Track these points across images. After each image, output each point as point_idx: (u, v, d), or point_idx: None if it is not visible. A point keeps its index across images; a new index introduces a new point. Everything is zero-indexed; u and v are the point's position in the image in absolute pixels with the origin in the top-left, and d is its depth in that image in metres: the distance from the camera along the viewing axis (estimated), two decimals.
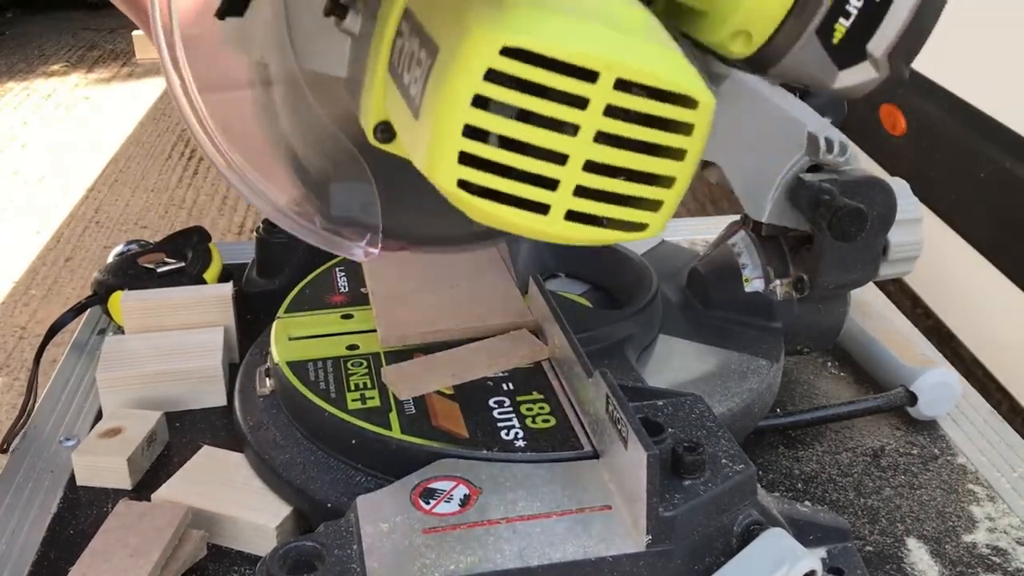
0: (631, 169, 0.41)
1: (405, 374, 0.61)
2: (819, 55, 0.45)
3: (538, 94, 0.39)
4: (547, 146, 0.40)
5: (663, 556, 0.48)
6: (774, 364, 0.68)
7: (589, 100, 0.39)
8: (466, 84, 0.38)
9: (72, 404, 0.74)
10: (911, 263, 0.70)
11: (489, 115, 0.39)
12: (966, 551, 0.60)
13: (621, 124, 0.40)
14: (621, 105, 0.40)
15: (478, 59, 0.38)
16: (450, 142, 0.39)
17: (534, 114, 0.39)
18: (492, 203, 0.41)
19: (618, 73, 0.39)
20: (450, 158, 0.40)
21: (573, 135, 0.40)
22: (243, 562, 0.58)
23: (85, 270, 2.65)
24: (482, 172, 0.40)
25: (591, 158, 0.40)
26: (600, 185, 0.41)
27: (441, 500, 0.51)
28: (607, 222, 0.43)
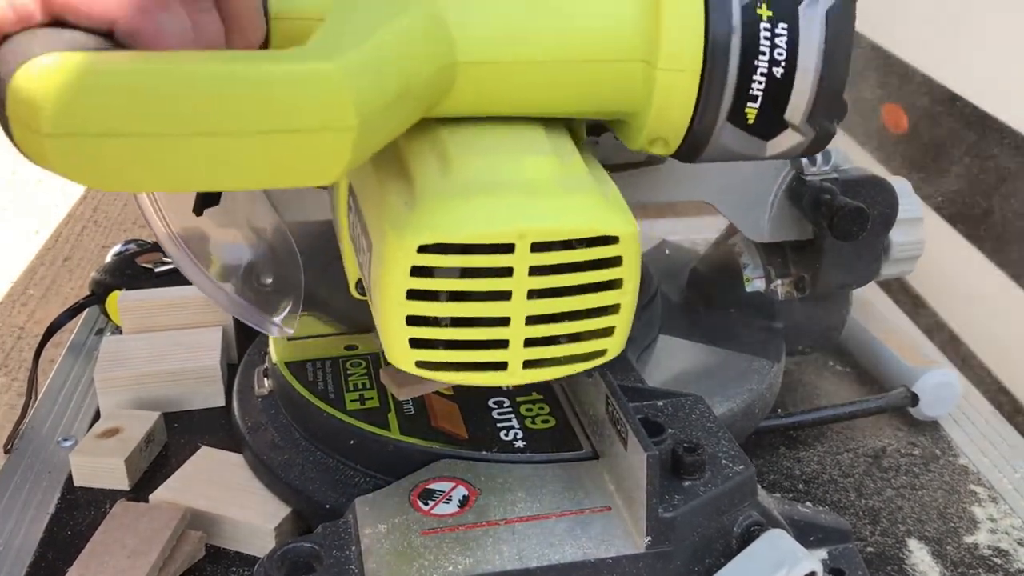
0: (573, 310, 0.44)
1: (404, 375, 0.60)
2: (740, 137, 0.46)
3: (466, 275, 0.42)
4: (488, 315, 0.43)
5: (663, 557, 0.47)
6: (775, 364, 0.68)
7: (513, 268, 0.42)
8: (396, 284, 0.41)
9: (70, 404, 0.74)
10: (913, 262, 0.70)
11: (427, 303, 0.42)
12: (968, 552, 0.60)
13: (550, 278, 0.43)
14: (544, 263, 0.42)
15: (400, 262, 0.41)
16: (398, 332, 0.43)
17: (468, 293, 0.42)
18: (453, 373, 0.44)
19: (532, 238, 0.41)
20: (403, 345, 0.43)
21: (508, 300, 0.42)
22: (241, 563, 0.58)
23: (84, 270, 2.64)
24: (436, 350, 0.43)
25: (531, 313, 0.43)
26: (548, 332, 0.44)
27: (440, 501, 0.50)
28: (565, 359, 0.45)
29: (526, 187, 0.43)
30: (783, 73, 0.44)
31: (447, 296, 0.42)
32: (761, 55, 0.44)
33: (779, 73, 0.44)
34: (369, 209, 0.46)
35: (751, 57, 0.44)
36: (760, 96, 0.45)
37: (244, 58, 0.37)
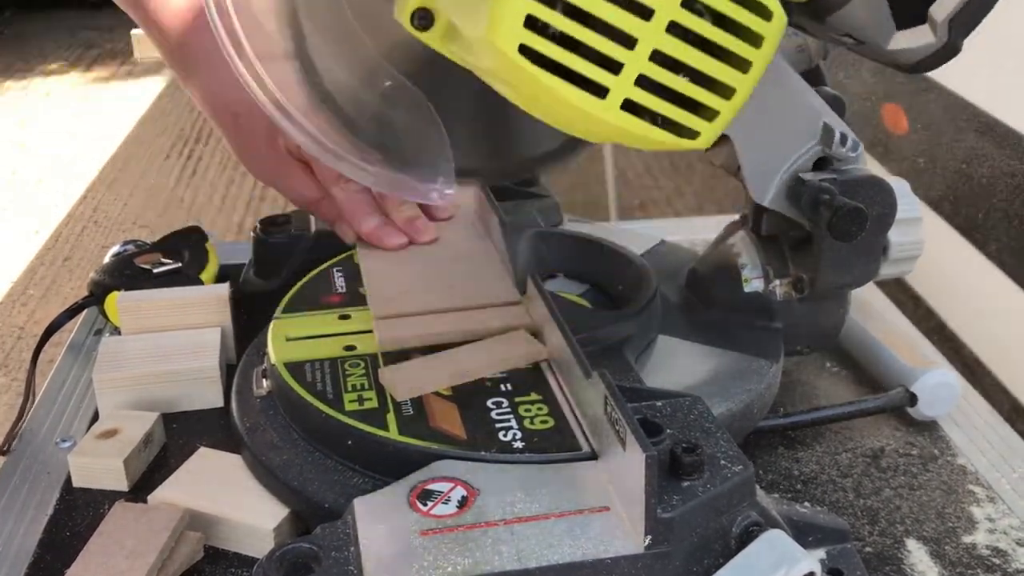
0: (696, 69, 0.41)
1: (403, 375, 0.60)
2: (881, 9, 0.44)
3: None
4: (619, 25, 0.39)
5: (661, 558, 0.47)
6: (774, 364, 0.68)
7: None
8: None
9: (68, 405, 0.74)
10: (912, 263, 0.70)
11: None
12: (966, 552, 0.60)
13: (695, 19, 0.39)
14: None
15: None
16: (519, 2, 0.38)
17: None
18: (550, 76, 0.40)
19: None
20: (516, 19, 0.38)
21: (647, 19, 0.39)
22: (240, 564, 0.58)
23: (83, 270, 2.64)
24: (547, 41, 0.39)
25: (660, 48, 0.40)
26: (663, 79, 0.41)
27: (439, 502, 0.50)
28: (661, 121, 0.42)
29: None
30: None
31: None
32: None
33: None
34: None
35: None
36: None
37: None
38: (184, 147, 3.44)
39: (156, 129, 3.61)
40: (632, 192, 2.94)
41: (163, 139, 3.52)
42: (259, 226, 0.83)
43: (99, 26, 4.73)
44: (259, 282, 0.83)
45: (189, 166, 3.29)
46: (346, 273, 0.75)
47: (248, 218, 2.92)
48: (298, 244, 0.82)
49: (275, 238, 0.82)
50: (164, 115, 3.73)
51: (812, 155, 0.65)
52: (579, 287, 0.76)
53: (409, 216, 0.76)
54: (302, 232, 0.82)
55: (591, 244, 0.77)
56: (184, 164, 3.31)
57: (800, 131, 0.64)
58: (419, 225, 0.76)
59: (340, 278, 0.74)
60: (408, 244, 0.75)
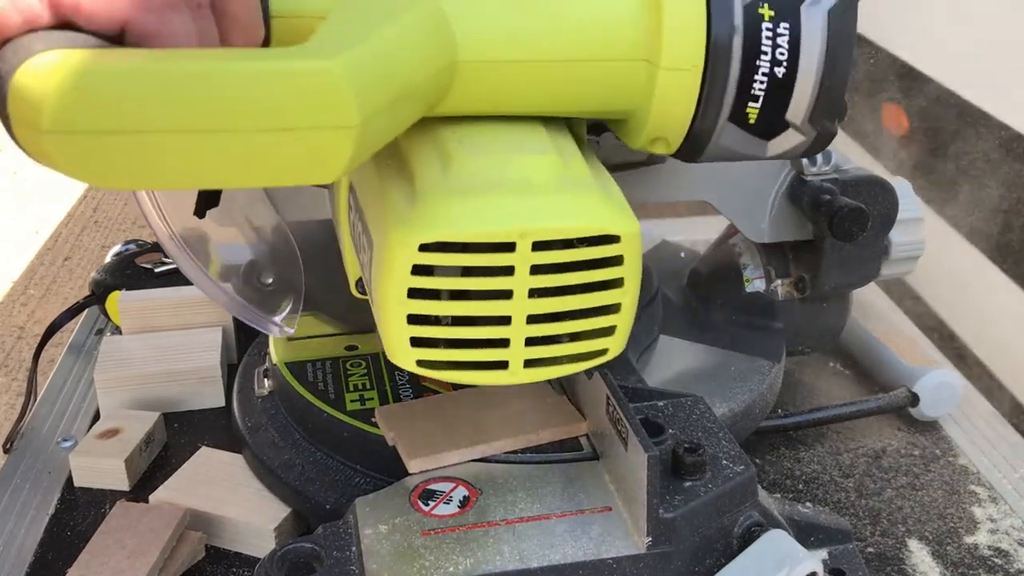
0: (574, 309, 0.43)
1: (417, 445, 0.54)
2: (741, 137, 0.46)
3: (468, 273, 0.42)
4: (489, 313, 0.43)
5: (663, 558, 0.47)
6: (775, 364, 0.68)
7: (514, 267, 0.42)
8: (397, 283, 0.41)
9: (70, 405, 0.74)
10: (913, 263, 0.70)
11: (428, 302, 0.42)
12: (968, 552, 0.60)
13: (551, 276, 0.42)
14: (546, 262, 0.42)
15: (401, 260, 0.41)
16: (399, 331, 0.42)
17: (468, 292, 0.42)
18: (454, 372, 0.44)
19: (533, 237, 0.41)
20: (403, 344, 0.43)
21: (509, 299, 0.42)
22: (241, 564, 0.58)
23: (84, 270, 2.64)
24: (437, 349, 0.43)
25: (532, 312, 0.43)
26: (549, 331, 0.44)
27: (440, 501, 0.50)
28: (567, 359, 0.45)
29: (527, 186, 0.42)
30: (785, 73, 0.44)
31: (448, 295, 0.42)
32: (763, 55, 0.44)
33: (781, 73, 0.44)
34: (370, 207, 0.46)
35: (753, 57, 0.44)
36: (762, 96, 0.45)
37: (244, 56, 0.37)
38: None
39: None
40: None
41: None
42: None
43: None
44: None
45: None
46: None
47: None
48: None
49: None
50: None
51: (790, 180, 0.65)
52: None
53: None
54: None
55: None
56: None
57: (771, 167, 0.65)
58: None
59: None
60: None
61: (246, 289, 0.62)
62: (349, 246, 0.53)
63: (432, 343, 0.43)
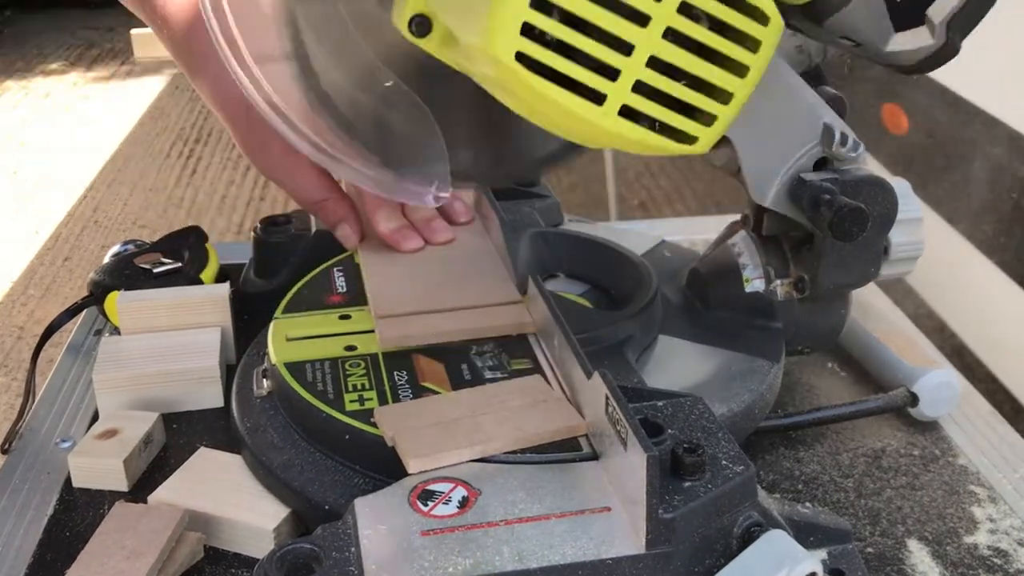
0: (693, 74, 0.41)
1: (417, 440, 0.55)
2: (879, 10, 0.44)
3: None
4: (615, 32, 0.39)
5: (663, 558, 0.47)
6: (775, 365, 0.68)
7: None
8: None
9: (68, 405, 0.74)
10: (913, 263, 0.70)
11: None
12: (967, 553, 0.60)
13: (692, 25, 0.39)
14: (696, 4, 0.39)
15: None
16: (515, 11, 0.38)
17: None
18: (547, 83, 0.40)
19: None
20: (512, 27, 0.38)
21: (643, 26, 0.39)
22: (240, 564, 0.58)
23: (83, 270, 2.64)
24: (543, 48, 0.39)
25: (657, 54, 0.39)
26: (660, 84, 0.40)
27: (440, 502, 0.50)
28: (659, 127, 0.42)
29: None
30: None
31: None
32: None
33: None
34: None
35: None
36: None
37: None
38: (184, 147, 3.44)
39: (156, 129, 3.61)
40: (632, 192, 2.94)
41: (163, 139, 3.52)
42: (259, 226, 0.83)
43: (99, 26, 4.73)
44: (259, 282, 0.83)
45: (189, 166, 3.29)
46: (346, 273, 0.74)
47: (248, 218, 2.91)
48: (298, 244, 0.81)
49: (275, 238, 0.82)
50: (164, 115, 3.73)
51: (813, 155, 0.65)
52: (579, 287, 0.76)
53: (426, 217, 0.75)
54: (302, 232, 0.82)
55: (591, 244, 0.77)
56: (184, 164, 3.31)
57: (800, 132, 0.64)
58: (436, 226, 0.76)
59: (340, 278, 0.74)
60: (424, 246, 0.75)
61: (391, 163, 0.60)
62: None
63: (543, 40, 0.39)
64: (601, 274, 0.76)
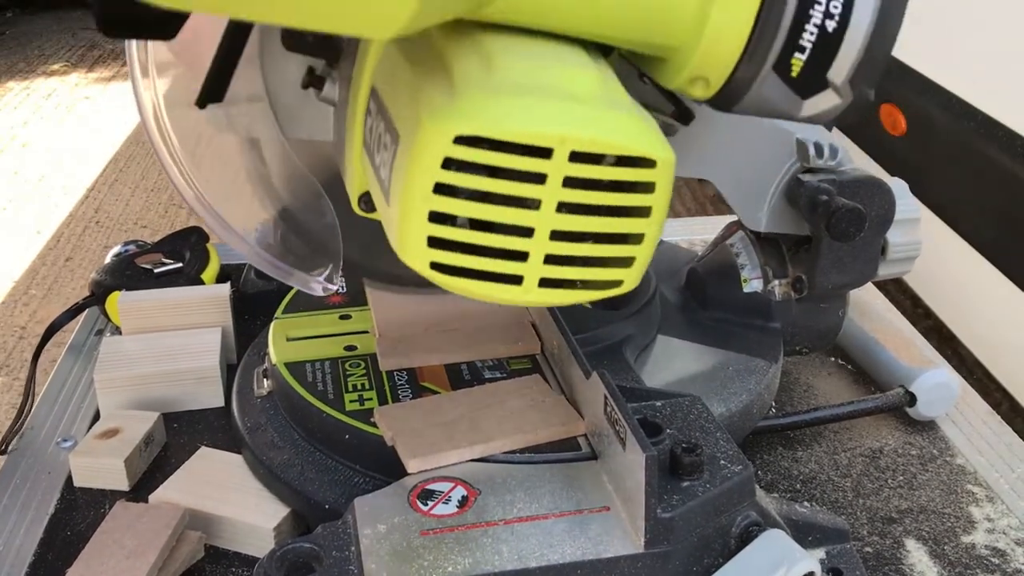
0: (598, 232, 0.42)
1: (416, 440, 0.55)
2: (780, 89, 0.45)
3: (497, 175, 0.40)
4: (512, 222, 0.41)
5: (661, 557, 0.47)
6: (773, 365, 0.68)
7: (547, 175, 0.40)
8: (425, 175, 0.39)
9: (69, 405, 0.74)
10: (910, 263, 0.70)
11: (452, 200, 0.40)
12: (965, 552, 0.60)
13: (582, 192, 0.41)
14: (579, 175, 0.40)
15: (434, 150, 0.39)
16: (417, 229, 0.40)
17: (496, 194, 0.40)
18: (466, 280, 0.42)
19: (571, 146, 0.40)
20: (420, 243, 0.41)
21: (536, 209, 0.41)
22: (240, 563, 0.58)
23: (85, 270, 2.65)
24: (453, 253, 0.41)
25: (556, 228, 0.41)
26: (569, 251, 0.42)
27: (439, 501, 0.51)
28: (581, 284, 0.44)
29: (570, 95, 0.41)
30: (835, 28, 0.43)
31: (475, 196, 0.40)
32: (817, 4, 0.43)
33: (831, 27, 0.43)
34: (400, 104, 0.44)
35: (808, 5, 0.43)
36: (809, 48, 0.43)
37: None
38: None
39: None
40: None
41: None
42: None
43: None
44: (260, 282, 0.83)
45: None
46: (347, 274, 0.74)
47: None
48: None
49: None
50: None
51: (794, 173, 0.65)
52: None
53: None
54: None
55: None
56: None
57: (774, 154, 0.65)
58: None
59: (340, 279, 0.74)
60: None
61: (281, 249, 0.61)
62: (358, 157, 0.50)
63: (450, 246, 0.41)
64: None
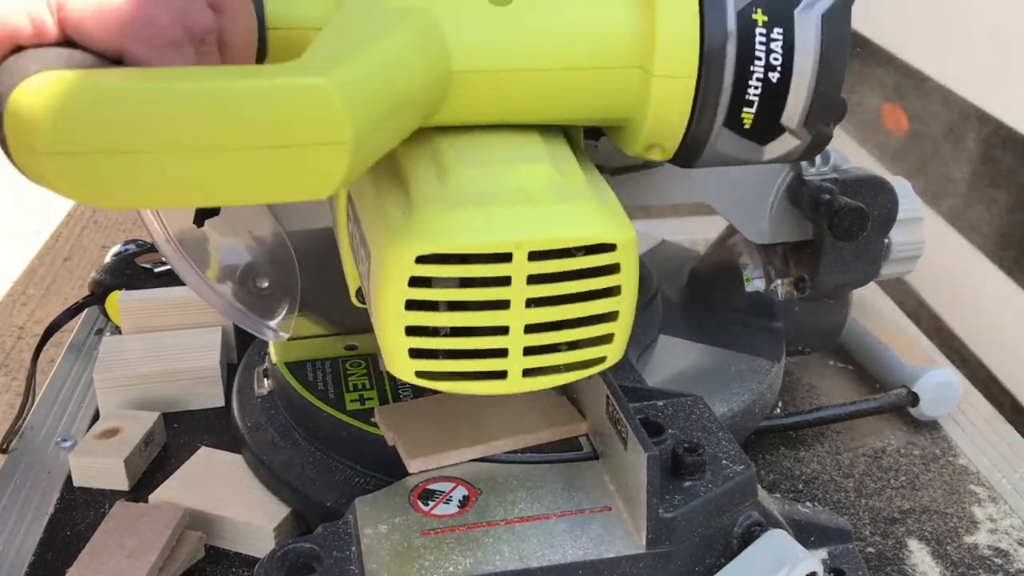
0: (571, 318, 0.43)
1: (417, 440, 0.54)
2: (737, 142, 0.46)
3: (465, 284, 0.42)
4: (487, 324, 0.43)
5: (663, 558, 0.47)
6: (775, 364, 0.68)
7: (511, 277, 0.42)
8: (395, 295, 0.41)
9: (69, 405, 0.74)
10: (913, 262, 0.70)
11: (426, 313, 0.42)
12: (968, 552, 0.60)
13: (548, 286, 0.42)
14: (542, 271, 0.42)
15: (399, 272, 0.41)
16: (398, 343, 0.42)
17: (466, 302, 0.42)
18: (453, 382, 0.44)
19: (529, 248, 0.41)
20: (402, 355, 0.43)
21: (507, 308, 0.42)
22: (241, 564, 0.58)
23: (84, 270, 2.64)
24: (435, 360, 0.43)
25: (529, 322, 0.43)
26: (547, 340, 0.44)
27: (440, 501, 0.50)
28: (565, 367, 0.45)
29: (523, 196, 0.43)
30: (779, 78, 0.44)
31: (446, 306, 0.42)
32: (757, 60, 0.44)
33: (775, 78, 0.44)
34: (367, 218, 0.46)
35: (747, 62, 0.44)
36: (756, 101, 0.45)
37: (239, 74, 0.37)
38: None
39: None
40: None
41: None
42: None
43: None
44: None
45: None
46: None
47: None
48: None
49: None
50: None
51: (789, 180, 0.65)
52: None
53: None
54: None
55: None
56: None
57: (768, 172, 0.65)
58: None
59: None
60: None
61: (241, 293, 0.62)
62: (349, 256, 0.53)
63: (431, 354, 0.43)
64: None
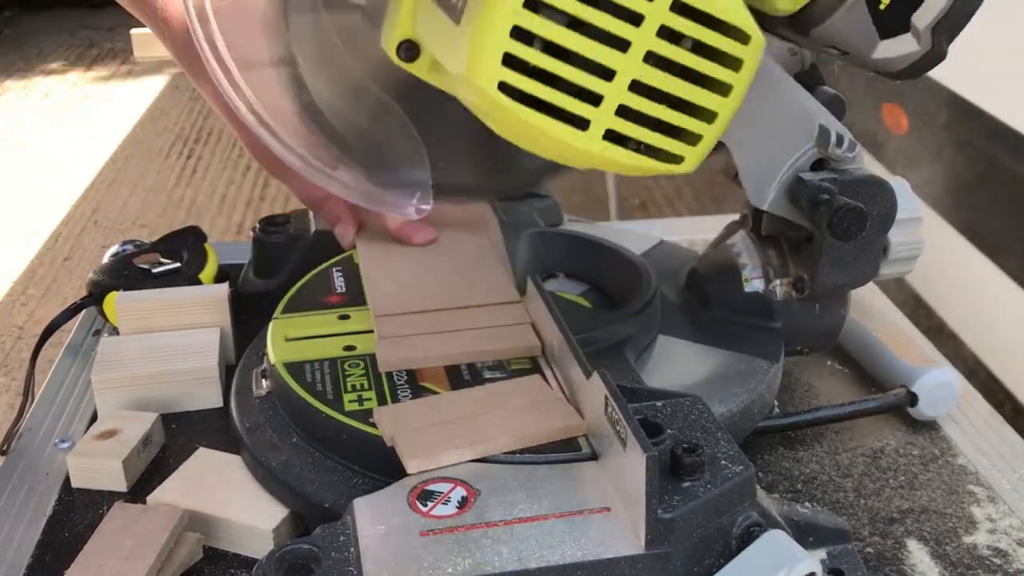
0: (676, 96, 0.41)
1: (416, 441, 0.54)
2: (864, 21, 0.44)
3: (593, 3, 0.38)
4: (596, 59, 0.39)
5: (662, 558, 0.47)
6: (774, 364, 0.68)
7: (644, 17, 0.38)
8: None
9: (67, 406, 0.74)
10: (912, 262, 0.70)
11: (539, 18, 0.38)
12: (967, 552, 0.60)
13: (672, 48, 0.39)
14: (675, 28, 0.39)
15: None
16: (496, 41, 0.38)
17: (586, 24, 0.38)
18: (531, 111, 0.40)
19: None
20: (494, 58, 0.38)
21: (623, 51, 0.39)
22: (239, 565, 0.57)
23: (83, 270, 2.64)
24: (525, 77, 0.39)
25: (638, 78, 0.40)
26: (644, 108, 0.41)
27: (439, 502, 0.50)
28: (645, 148, 0.42)
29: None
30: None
31: (564, 20, 0.39)
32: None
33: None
34: None
35: None
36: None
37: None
38: (184, 147, 3.44)
39: (156, 129, 3.61)
40: (632, 192, 2.94)
41: (162, 139, 3.52)
42: (259, 226, 0.83)
43: (99, 26, 4.73)
44: (258, 282, 0.83)
45: (189, 166, 3.29)
46: (346, 273, 0.74)
47: (248, 218, 2.91)
48: (298, 244, 0.81)
49: (275, 238, 0.82)
50: (164, 115, 3.73)
51: (809, 157, 0.65)
52: (579, 287, 0.76)
53: None
54: (302, 232, 0.82)
55: (591, 244, 0.77)
56: (184, 164, 3.31)
57: (796, 134, 0.64)
58: None
59: (340, 278, 0.74)
60: (436, 238, 0.75)
61: (375, 176, 0.61)
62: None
63: (524, 67, 0.39)
64: (600, 274, 0.76)
